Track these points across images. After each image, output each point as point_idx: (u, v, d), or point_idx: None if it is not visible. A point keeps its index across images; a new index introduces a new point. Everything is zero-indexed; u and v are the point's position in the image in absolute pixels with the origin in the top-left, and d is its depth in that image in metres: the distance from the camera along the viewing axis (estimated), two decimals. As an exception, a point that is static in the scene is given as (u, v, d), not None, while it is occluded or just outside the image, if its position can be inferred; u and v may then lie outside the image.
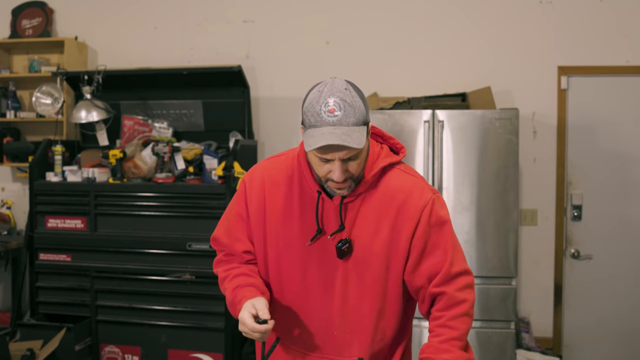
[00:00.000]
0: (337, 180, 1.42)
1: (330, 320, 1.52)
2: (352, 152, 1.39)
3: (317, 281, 1.52)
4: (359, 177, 1.47)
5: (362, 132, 1.39)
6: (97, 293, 3.64)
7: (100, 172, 3.72)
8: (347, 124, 1.37)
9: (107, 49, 4.43)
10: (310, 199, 1.52)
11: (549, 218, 3.95)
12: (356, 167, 1.44)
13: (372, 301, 1.51)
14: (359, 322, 1.52)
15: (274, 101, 4.21)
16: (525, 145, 3.87)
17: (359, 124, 1.38)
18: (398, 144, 1.59)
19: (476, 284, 3.40)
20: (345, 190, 1.47)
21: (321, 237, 1.51)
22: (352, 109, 1.38)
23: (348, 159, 1.41)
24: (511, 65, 3.97)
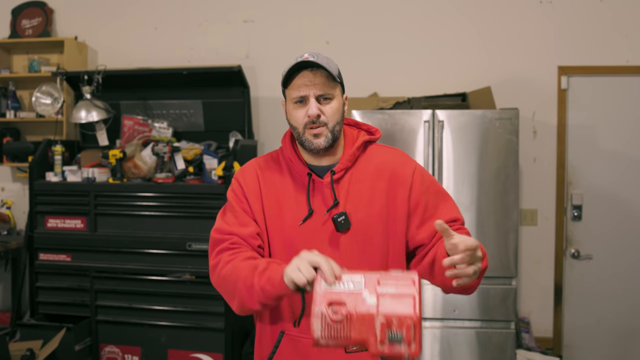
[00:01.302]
0: (312, 114, 1.50)
1: None
2: (325, 88, 1.50)
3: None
4: (334, 129, 1.54)
5: (335, 75, 1.50)
6: (97, 293, 3.64)
7: (100, 172, 3.72)
8: (320, 61, 1.49)
9: (107, 49, 4.43)
10: (302, 183, 1.58)
11: (549, 218, 3.95)
12: (330, 113, 1.52)
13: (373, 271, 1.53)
14: None
15: (274, 101, 4.21)
16: (525, 145, 3.87)
17: (332, 70, 1.50)
18: (372, 128, 1.69)
19: (476, 284, 3.41)
20: (322, 140, 1.53)
21: (318, 217, 1.54)
22: (327, 59, 1.52)
23: (323, 98, 1.51)
24: (511, 65, 3.97)
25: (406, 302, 1.24)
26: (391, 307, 1.24)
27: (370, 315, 1.24)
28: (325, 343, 1.26)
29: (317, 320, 1.26)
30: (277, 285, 1.38)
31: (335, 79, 1.53)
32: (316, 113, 1.51)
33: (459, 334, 3.42)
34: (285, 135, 1.65)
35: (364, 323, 1.24)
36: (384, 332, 1.23)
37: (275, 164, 1.63)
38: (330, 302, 1.26)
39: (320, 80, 1.51)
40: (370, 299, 1.25)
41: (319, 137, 1.53)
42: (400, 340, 1.22)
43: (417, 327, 1.22)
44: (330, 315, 1.25)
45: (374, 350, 1.23)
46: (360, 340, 1.23)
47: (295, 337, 1.55)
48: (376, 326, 1.23)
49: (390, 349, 1.23)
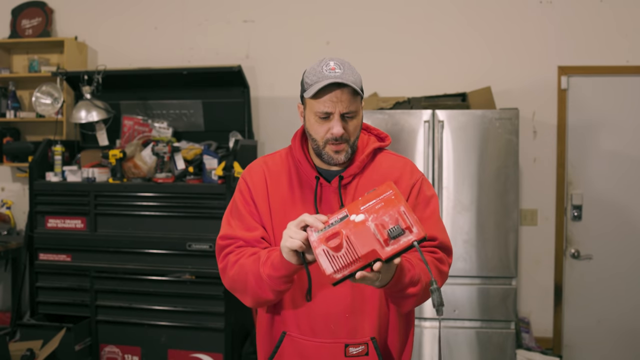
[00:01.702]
0: (336, 133, 1.49)
1: (341, 303, 1.53)
2: (351, 105, 1.49)
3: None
4: (354, 145, 1.55)
5: (360, 92, 1.49)
6: (97, 293, 3.64)
7: (100, 172, 3.72)
8: (347, 79, 1.47)
9: (107, 49, 4.43)
10: (310, 186, 1.58)
11: (549, 218, 3.95)
12: (353, 129, 1.52)
13: None
14: (366, 301, 1.54)
15: (274, 101, 4.21)
16: (525, 145, 3.87)
17: (358, 85, 1.49)
18: (382, 133, 1.68)
19: (476, 284, 3.41)
20: (343, 155, 1.53)
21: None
22: (352, 70, 1.50)
23: (347, 115, 1.50)
24: (511, 65, 3.97)
25: (389, 201, 1.28)
26: (378, 211, 1.27)
27: (364, 226, 1.27)
28: (342, 275, 1.27)
29: (322, 258, 1.28)
30: (280, 266, 1.41)
31: (359, 93, 1.51)
32: (341, 132, 1.49)
33: (459, 334, 3.42)
34: (296, 135, 1.64)
35: (363, 236, 1.27)
36: (383, 233, 1.25)
37: (284, 164, 1.62)
38: (326, 238, 1.29)
39: (346, 97, 1.48)
40: (358, 218, 1.28)
41: (340, 153, 1.53)
42: (401, 231, 1.25)
43: (408, 212, 1.26)
44: (331, 246, 1.28)
45: (385, 254, 1.25)
46: (368, 254, 1.25)
47: (296, 339, 1.55)
48: (374, 232, 1.26)
49: (396, 244, 1.25)
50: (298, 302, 1.55)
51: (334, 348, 1.53)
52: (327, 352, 1.53)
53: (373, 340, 1.55)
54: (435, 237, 1.55)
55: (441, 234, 1.58)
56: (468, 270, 3.41)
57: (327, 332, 1.54)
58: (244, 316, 3.63)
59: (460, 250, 3.38)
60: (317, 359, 1.54)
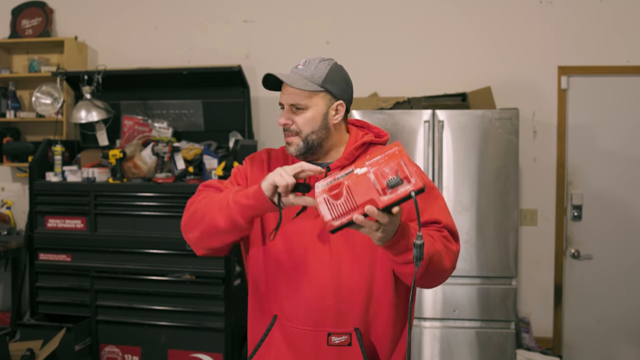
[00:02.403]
0: (279, 122, 1.57)
1: (325, 291, 1.54)
2: (295, 98, 1.54)
3: (310, 254, 1.55)
4: (307, 138, 1.56)
5: (310, 87, 1.53)
6: (97, 293, 3.64)
7: (100, 172, 3.72)
8: (299, 74, 1.54)
9: (107, 49, 4.43)
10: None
11: (549, 218, 3.95)
12: (301, 122, 1.56)
13: (362, 268, 1.54)
14: (352, 290, 1.54)
15: (274, 101, 4.15)
16: (525, 145, 3.88)
17: (312, 81, 1.54)
18: (382, 131, 1.69)
19: (476, 284, 3.41)
20: (293, 148, 1.57)
21: (311, 212, 1.55)
22: (312, 67, 1.55)
23: (294, 107, 1.55)
24: (511, 65, 3.97)
25: (392, 155, 1.30)
26: (380, 164, 1.30)
27: (364, 177, 1.30)
28: (340, 223, 1.30)
29: (322, 206, 1.32)
30: (252, 195, 1.44)
31: (314, 89, 1.54)
32: (283, 122, 1.57)
33: (459, 334, 3.42)
34: None
35: (362, 186, 1.29)
36: (382, 182, 1.27)
37: (281, 157, 1.68)
38: (329, 188, 1.32)
39: (293, 90, 1.54)
40: (361, 170, 1.32)
41: (290, 145, 1.59)
42: (399, 181, 1.27)
43: (408, 165, 1.28)
44: (331, 194, 1.31)
45: (382, 202, 1.27)
46: (366, 203, 1.27)
47: (284, 324, 1.57)
48: (374, 183, 1.28)
49: (394, 193, 1.27)
50: (284, 289, 1.57)
51: (317, 336, 1.54)
52: (310, 340, 1.54)
53: (357, 331, 1.54)
54: (439, 220, 1.54)
55: (445, 217, 1.57)
56: (468, 270, 3.41)
57: (310, 319, 1.54)
58: (243, 316, 3.62)
59: (460, 251, 3.36)
60: (301, 346, 1.55)
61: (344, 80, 1.61)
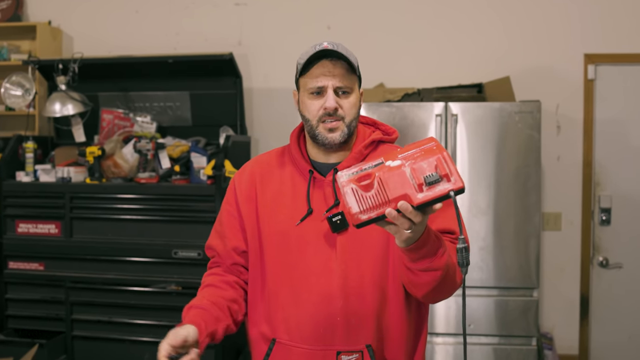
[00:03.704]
0: (329, 106, 1.54)
1: (332, 305, 1.55)
2: (344, 80, 1.55)
3: (315, 264, 1.56)
4: (350, 124, 1.58)
5: (355, 67, 1.56)
6: (73, 306, 3.66)
7: (76, 171, 3.73)
8: (341, 49, 1.55)
9: (83, 35, 4.45)
10: (303, 181, 1.62)
11: (574, 222, 3.98)
12: (348, 107, 1.57)
13: (372, 278, 1.55)
14: (363, 302, 1.55)
15: (270, 92, 4.23)
16: (548, 141, 3.89)
17: (353, 62, 1.56)
18: (390, 129, 1.71)
19: (493, 296, 3.42)
20: (338, 135, 1.57)
21: (317, 217, 1.58)
22: (346, 49, 1.56)
23: (341, 91, 1.56)
24: (532, 52, 3.98)
25: (429, 150, 1.30)
26: (416, 158, 1.29)
27: (399, 170, 1.29)
28: (368, 217, 1.29)
29: (349, 197, 1.29)
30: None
31: (355, 72, 1.58)
32: (334, 106, 1.55)
33: (474, 350, 3.43)
34: (294, 131, 1.70)
35: (396, 179, 1.28)
36: (419, 177, 1.27)
37: (279, 160, 1.69)
38: (358, 178, 1.30)
39: (340, 72, 1.55)
40: (394, 163, 1.30)
41: (334, 131, 1.57)
42: (438, 179, 1.26)
43: (448, 161, 1.27)
44: (361, 185, 1.29)
45: (417, 200, 1.26)
46: (400, 198, 1.27)
47: (286, 345, 1.58)
48: (409, 177, 1.27)
49: (431, 191, 1.26)
50: (287, 306, 1.58)
51: (325, 356, 1.55)
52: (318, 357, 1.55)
53: (369, 349, 1.55)
54: (454, 230, 1.55)
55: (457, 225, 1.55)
56: (484, 280, 3.42)
57: (317, 337, 1.55)
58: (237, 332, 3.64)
59: (475, 258, 3.39)
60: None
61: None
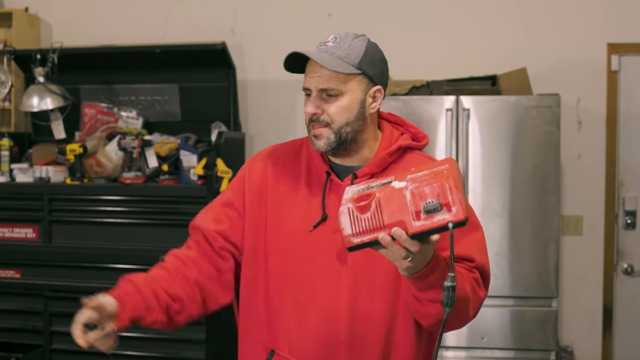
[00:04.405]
0: (307, 111, 1.54)
1: (337, 324, 1.54)
2: (328, 82, 1.52)
3: (323, 276, 1.56)
4: (340, 130, 1.55)
5: (345, 68, 1.52)
6: (52, 317, 3.65)
7: (55, 170, 3.73)
8: (332, 53, 1.53)
9: (63, 23, 4.44)
10: (319, 183, 1.60)
11: (596, 226, 3.97)
12: (334, 111, 1.54)
13: (383, 299, 1.55)
14: (370, 324, 1.55)
15: (266, 85, 4.21)
16: (568, 138, 3.87)
17: (347, 62, 1.52)
18: (420, 132, 1.70)
19: (509, 306, 3.43)
20: (322, 143, 1.56)
21: (330, 224, 1.56)
22: (347, 45, 1.53)
23: (326, 92, 1.53)
24: (551, 42, 3.97)
25: (438, 174, 1.29)
26: (422, 181, 1.29)
27: (400, 193, 1.29)
28: (360, 240, 1.30)
29: (344, 217, 1.31)
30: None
31: (350, 72, 1.53)
32: (311, 111, 1.55)
33: (488, 366, 3.44)
34: None
35: (394, 203, 1.28)
36: (417, 204, 1.26)
37: (295, 155, 1.68)
38: (359, 197, 1.32)
39: (326, 72, 1.52)
40: (399, 184, 1.30)
41: (318, 138, 1.57)
42: (438, 207, 1.25)
43: (453, 189, 1.26)
44: (358, 206, 1.30)
45: (412, 228, 1.26)
46: (395, 224, 1.27)
47: (285, 359, 1.57)
48: (408, 201, 1.27)
49: (429, 220, 1.26)
50: (289, 318, 1.58)
51: None
52: None
53: None
54: (473, 257, 1.55)
55: (480, 256, 1.56)
56: (499, 289, 3.41)
57: (317, 355, 1.56)
58: (228, 344, 3.63)
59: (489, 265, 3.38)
60: None
61: (382, 61, 1.61)
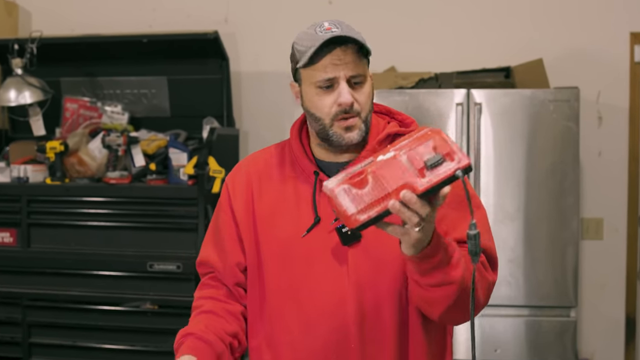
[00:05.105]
0: (345, 102, 1.51)
1: (346, 330, 1.55)
2: (357, 67, 1.52)
3: (324, 281, 1.56)
4: (367, 119, 1.57)
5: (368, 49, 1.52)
6: (31, 327, 3.65)
7: (34, 170, 3.73)
8: (349, 33, 1.51)
9: (43, 11, 4.44)
10: (307, 184, 1.61)
11: (618, 230, 3.97)
12: (363, 99, 1.55)
13: (391, 298, 1.55)
14: (381, 325, 1.56)
15: (261, 77, 4.21)
16: (588, 134, 3.87)
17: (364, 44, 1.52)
18: (408, 118, 1.70)
19: (524, 316, 3.44)
20: (355, 134, 1.55)
21: (324, 227, 1.57)
22: (352, 29, 1.53)
23: (355, 81, 1.53)
24: (569, 30, 3.97)
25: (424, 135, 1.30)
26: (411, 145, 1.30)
27: (394, 160, 1.29)
28: (367, 217, 1.28)
29: (343, 197, 1.29)
30: None
31: (366, 55, 1.54)
32: (350, 100, 1.52)
33: (501, 380, 3.44)
34: (295, 125, 1.68)
35: (393, 169, 1.28)
36: (418, 162, 1.27)
37: (279, 158, 1.68)
38: (349, 178, 1.30)
39: (351, 58, 1.51)
40: (387, 155, 1.30)
41: (351, 129, 1.55)
42: (440, 159, 1.26)
43: (447, 140, 1.28)
44: (354, 182, 1.29)
45: (421, 185, 1.26)
46: (400, 189, 1.27)
47: None
48: (407, 164, 1.28)
49: (434, 173, 1.26)
50: (293, 330, 1.58)
51: None
52: None
53: None
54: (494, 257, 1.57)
55: (485, 237, 1.56)
56: (513, 297, 3.41)
57: None
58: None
59: (503, 272, 3.36)
60: None
61: None
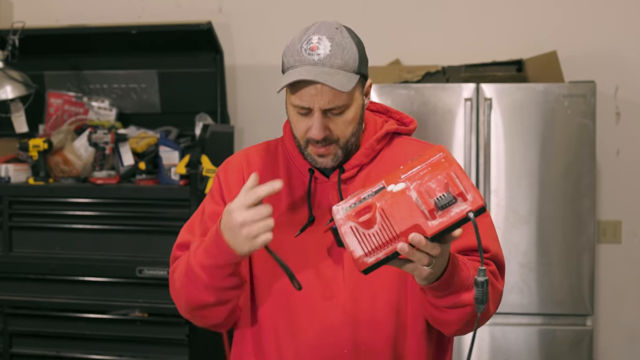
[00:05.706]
0: (315, 137, 1.55)
1: (339, 334, 1.56)
2: (335, 99, 1.52)
3: (317, 283, 1.58)
4: (347, 143, 1.59)
5: (351, 79, 1.53)
6: (13, 337, 3.65)
7: (16, 169, 3.74)
8: (330, 65, 1.52)
9: (26, 0, 4.43)
10: (302, 182, 1.64)
11: (637, 233, 3.97)
12: (342, 128, 1.57)
13: (388, 302, 1.58)
14: (376, 331, 1.57)
15: (257, 71, 4.21)
16: (605, 132, 3.87)
17: (348, 70, 1.53)
18: (407, 117, 1.73)
19: (537, 324, 3.44)
20: (329, 160, 1.59)
21: (318, 226, 1.61)
22: (341, 49, 1.53)
23: (331, 111, 1.54)
24: (585, 22, 3.98)
25: (437, 165, 1.32)
26: (423, 177, 1.31)
27: (403, 195, 1.30)
28: (375, 259, 1.31)
29: (350, 238, 1.33)
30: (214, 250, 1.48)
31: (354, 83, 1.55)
32: (321, 135, 1.55)
33: (513, 393, 3.44)
34: (287, 122, 1.70)
35: (402, 208, 1.30)
36: (428, 202, 1.28)
37: (271, 156, 1.71)
38: (356, 213, 1.33)
39: (328, 90, 1.51)
40: (397, 187, 1.32)
41: (324, 157, 1.60)
42: (452, 200, 1.28)
43: (461, 176, 1.29)
44: (361, 222, 1.31)
45: (431, 229, 1.27)
46: (410, 231, 1.28)
47: None
48: (417, 203, 1.29)
49: (446, 216, 1.27)
50: (283, 335, 1.60)
51: None
52: None
53: None
54: (487, 248, 1.59)
55: (493, 245, 1.62)
56: (526, 305, 3.41)
57: None
58: (214, 346, 3.64)
59: (514, 278, 3.39)
60: None
61: (363, 48, 1.62)
